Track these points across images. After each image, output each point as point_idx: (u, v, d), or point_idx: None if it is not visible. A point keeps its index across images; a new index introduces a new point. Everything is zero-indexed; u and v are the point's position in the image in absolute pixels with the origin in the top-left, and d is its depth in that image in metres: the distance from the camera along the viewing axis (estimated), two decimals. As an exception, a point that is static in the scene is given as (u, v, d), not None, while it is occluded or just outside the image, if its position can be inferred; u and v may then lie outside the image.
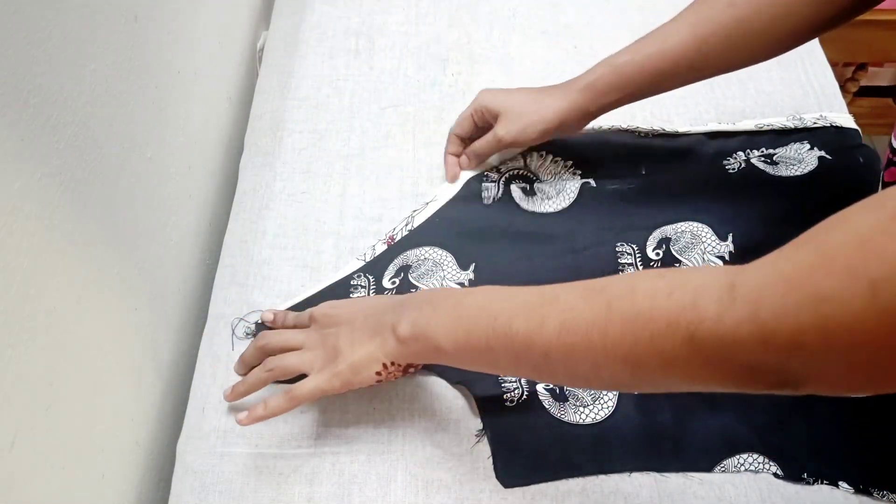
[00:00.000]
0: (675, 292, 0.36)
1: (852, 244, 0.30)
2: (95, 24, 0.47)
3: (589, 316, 0.39)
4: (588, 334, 0.39)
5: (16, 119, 0.38)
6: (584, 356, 0.40)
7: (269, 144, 0.74)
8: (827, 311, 0.30)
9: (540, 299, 0.43)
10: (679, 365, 0.36)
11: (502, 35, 0.85)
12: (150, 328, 0.59)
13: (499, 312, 0.44)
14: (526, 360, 0.43)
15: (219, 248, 0.67)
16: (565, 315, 0.40)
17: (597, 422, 0.57)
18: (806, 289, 0.31)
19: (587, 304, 0.40)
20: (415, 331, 0.47)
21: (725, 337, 0.34)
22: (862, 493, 0.54)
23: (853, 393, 0.34)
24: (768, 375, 0.34)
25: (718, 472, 0.55)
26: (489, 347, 0.44)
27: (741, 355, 0.34)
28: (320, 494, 0.54)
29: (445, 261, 0.65)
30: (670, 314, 0.36)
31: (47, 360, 0.43)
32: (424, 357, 0.49)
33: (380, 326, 0.49)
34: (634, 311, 0.37)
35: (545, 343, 0.41)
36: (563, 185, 0.70)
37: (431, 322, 0.47)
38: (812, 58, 0.84)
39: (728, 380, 0.36)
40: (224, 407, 0.57)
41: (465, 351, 0.46)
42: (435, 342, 0.46)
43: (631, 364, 0.38)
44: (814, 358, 0.32)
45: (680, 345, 0.35)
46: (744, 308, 0.33)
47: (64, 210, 0.44)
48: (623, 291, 0.39)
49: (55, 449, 0.44)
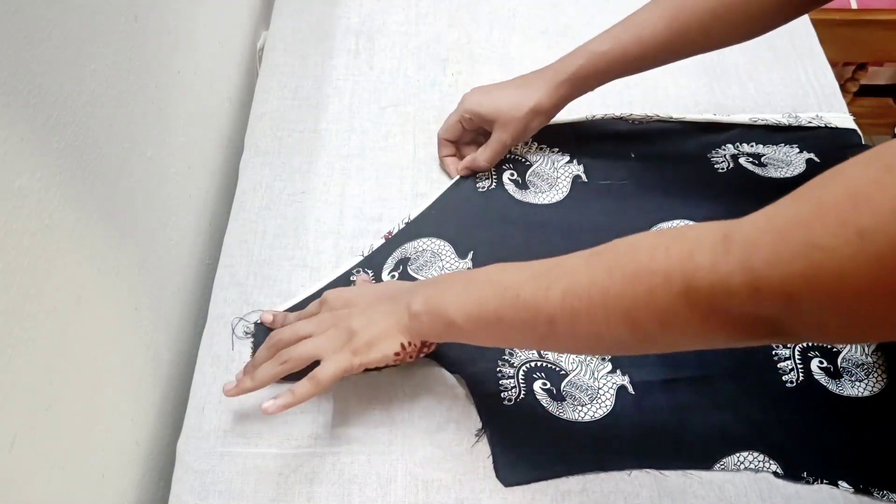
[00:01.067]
0: (672, 247, 0.37)
1: (844, 196, 0.30)
2: (95, 24, 0.47)
3: (591, 278, 0.40)
4: (590, 296, 0.40)
5: (16, 119, 0.38)
6: (587, 319, 0.40)
7: (269, 144, 0.74)
8: (817, 261, 0.30)
9: (546, 267, 0.44)
10: (677, 319, 0.37)
11: (502, 35, 0.85)
12: (150, 328, 0.59)
13: (508, 283, 0.45)
14: (533, 329, 0.44)
15: (219, 248, 0.67)
16: (569, 279, 0.42)
17: (595, 419, 0.57)
18: (798, 239, 0.31)
19: (589, 266, 0.41)
20: (428, 306, 0.49)
21: (719, 287, 0.34)
22: (862, 492, 0.54)
23: (844, 341, 0.35)
24: (762, 325, 0.35)
25: (718, 469, 0.55)
26: (499, 318, 0.45)
27: (735, 305, 0.34)
28: (320, 494, 0.54)
29: (443, 250, 0.65)
30: (667, 268, 0.37)
31: (47, 360, 0.43)
32: (437, 332, 0.50)
33: (394, 305, 0.51)
34: (633, 268, 0.38)
35: (551, 309, 0.42)
36: (555, 178, 0.70)
37: (444, 297, 0.48)
38: (812, 57, 0.84)
39: (725, 332, 0.36)
40: (224, 407, 0.57)
41: (477, 323, 0.47)
42: (447, 316, 0.47)
43: (631, 322, 0.39)
44: (804, 307, 0.32)
45: (676, 298, 0.36)
46: (737, 257, 0.34)
47: (64, 210, 0.44)
48: (623, 251, 0.40)
49: (55, 449, 0.44)
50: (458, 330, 0.48)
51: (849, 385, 0.59)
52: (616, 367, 0.59)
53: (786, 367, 0.60)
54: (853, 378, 0.59)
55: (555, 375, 0.59)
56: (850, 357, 0.60)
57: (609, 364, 0.60)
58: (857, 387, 0.59)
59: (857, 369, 0.59)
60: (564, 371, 0.59)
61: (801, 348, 0.61)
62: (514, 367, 0.59)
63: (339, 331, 0.51)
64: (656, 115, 0.75)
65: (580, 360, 0.60)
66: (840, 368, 0.60)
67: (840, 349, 0.60)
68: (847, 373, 0.59)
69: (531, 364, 0.59)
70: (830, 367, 0.60)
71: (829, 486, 0.54)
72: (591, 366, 0.59)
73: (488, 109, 0.67)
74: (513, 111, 0.66)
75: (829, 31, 0.91)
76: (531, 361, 0.59)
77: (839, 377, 0.59)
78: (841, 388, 0.59)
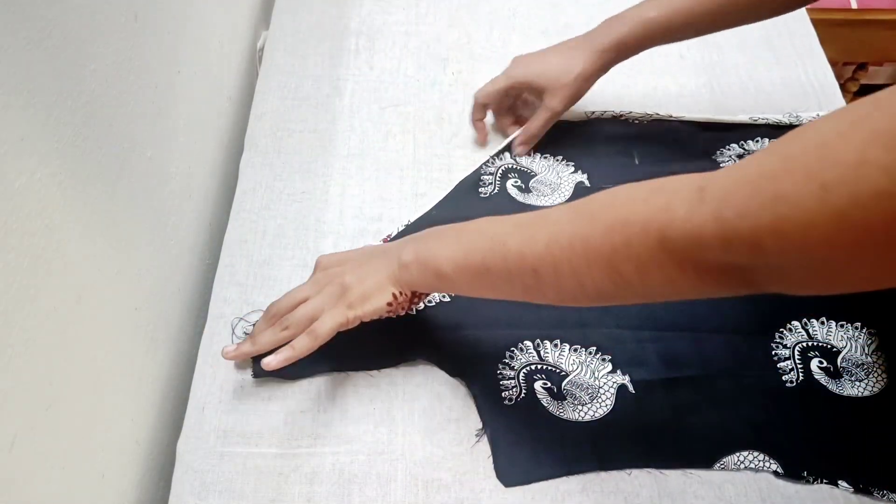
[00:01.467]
0: (650, 197, 0.38)
1: (811, 148, 0.31)
2: (95, 24, 0.47)
3: (574, 228, 0.42)
4: (572, 245, 0.41)
5: (16, 119, 0.38)
6: (570, 268, 0.41)
7: (270, 144, 0.74)
8: (782, 212, 0.31)
9: (533, 219, 0.45)
10: (654, 269, 0.38)
11: (502, 35, 0.85)
12: (150, 328, 0.59)
13: (495, 234, 0.46)
14: (518, 278, 0.45)
15: (219, 248, 0.67)
16: (553, 229, 0.43)
17: (596, 419, 0.57)
18: (767, 191, 0.32)
19: (572, 217, 0.43)
20: (417, 256, 0.50)
21: (692, 235, 0.35)
22: (862, 492, 0.54)
23: (812, 292, 0.36)
24: (733, 275, 0.36)
25: (718, 469, 0.55)
26: (486, 268, 0.46)
27: (707, 254, 0.35)
28: (320, 494, 0.54)
29: None
30: (645, 217, 0.38)
31: (47, 360, 0.43)
32: (427, 282, 0.51)
33: (385, 259, 0.53)
34: (612, 217, 0.40)
35: (535, 258, 0.43)
36: (558, 183, 0.70)
37: (433, 247, 0.50)
38: (812, 57, 0.84)
39: (699, 280, 0.37)
40: (224, 407, 0.57)
41: (464, 273, 0.48)
42: (436, 266, 0.49)
43: (611, 271, 0.40)
44: (772, 258, 0.33)
45: (653, 246, 0.37)
46: (710, 207, 0.34)
47: (64, 210, 0.44)
48: (604, 202, 0.42)
49: (55, 449, 0.44)
50: (447, 280, 0.49)
51: (849, 385, 0.59)
52: (616, 366, 0.59)
53: (785, 366, 0.60)
54: (853, 378, 0.59)
55: (555, 376, 0.59)
56: (850, 357, 0.60)
57: (609, 364, 0.60)
58: (857, 387, 0.59)
59: (857, 369, 0.59)
60: (565, 372, 0.59)
61: (801, 348, 0.61)
62: (515, 370, 0.59)
63: (334, 287, 0.53)
64: (656, 113, 0.75)
65: (580, 360, 0.60)
66: (840, 368, 0.60)
67: (840, 349, 0.60)
68: (847, 373, 0.59)
69: (531, 367, 0.59)
70: (830, 366, 0.60)
71: (829, 487, 0.55)
72: (592, 366, 0.59)
73: (538, 77, 0.68)
74: (562, 78, 0.67)
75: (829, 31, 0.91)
76: (531, 364, 0.59)
77: (839, 377, 0.59)
78: (841, 388, 0.59)
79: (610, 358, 0.60)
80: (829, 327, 0.62)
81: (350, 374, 0.59)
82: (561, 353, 0.60)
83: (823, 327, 0.62)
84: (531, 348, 0.60)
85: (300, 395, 0.58)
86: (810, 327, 0.62)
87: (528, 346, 0.60)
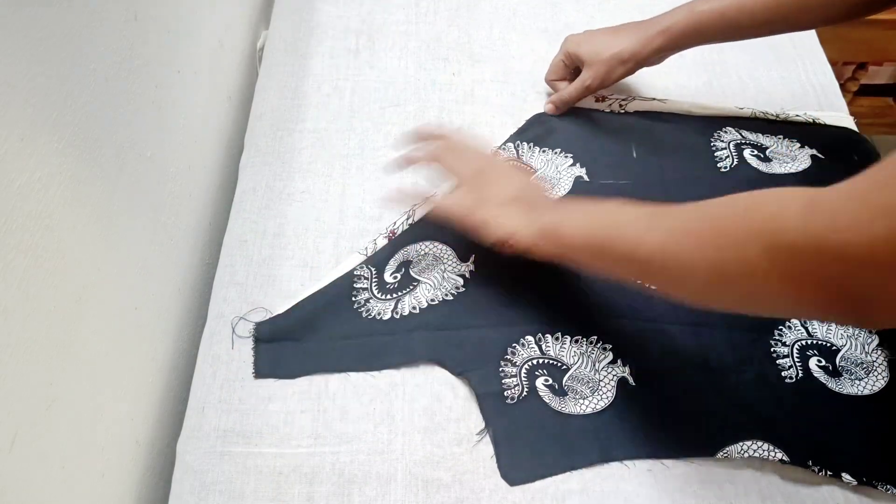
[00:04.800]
0: (763, 206, 0.40)
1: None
2: (95, 23, 0.47)
3: (689, 227, 0.44)
4: (686, 241, 0.44)
5: (16, 119, 0.38)
6: (679, 263, 0.44)
7: (270, 144, 0.74)
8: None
9: (654, 212, 0.48)
10: (759, 276, 0.39)
11: (503, 34, 0.85)
12: (150, 328, 0.59)
13: (618, 219, 0.50)
14: (631, 265, 0.49)
15: (219, 248, 0.67)
16: (670, 224, 0.46)
17: (597, 411, 0.57)
18: (879, 202, 0.32)
19: (690, 216, 0.45)
20: (548, 230, 0.54)
21: (803, 248, 0.36)
22: (865, 485, 0.54)
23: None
24: (841, 294, 0.36)
25: (721, 457, 0.55)
26: (603, 249, 0.50)
27: (817, 268, 0.36)
28: (320, 494, 0.54)
29: (445, 254, 0.65)
30: (757, 224, 0.39)
31: (47, 360, 0.43)
32: (549, 253, 0.55)
33: (527, 214, 0.56)
34: (727, 222, 0.42)
35: (648, 250, 0.46)
36: (558, 178, 0.71)
37: (563, 224, 0.54)
38: (812, 56, 0.84)
39: (803, 297, 0.38)
40: (224, 407, 0.57)
41: (584, 251, 0.52)
42: (562, 242, 0.53)
43: (717, 273, 0.42)
44: (885, 272, 0.33)
45: (762, 254, 0.38)
46: (822, 221, 0.35)
47: (64, 210, 0.44)
48: (723, 204, 0.44)
49: (55, 449, 0.44)
50: (568, 257, 0.54)
51: (848, 383, 0.59)
52: (617, 356, 0.60)
53: (784, 363, 0.60)
54: (853, 377, 0.59)
55: (556, 371, 0.59)
56: (849, 356, 0.60)
57: (610, 354, 0.60)
58: (857, 385, 0.59)
59: (857, 368, 0.59)
60: (566, 366, 0.59)
61: (800, 346, 0.61)
62: (517, 367, 0.59)
63: (478, 196, 0.59)
64: (654, 97, 0.76)
65: (581, 351, 0.60)
66: (839, 367, 0.60)
67: (839, 347, 0.60)
68: (847, 371, 0.59)
69: (533, 362, 0.59)
70: (829, 365, 0.60)
71: (830, 487, 0.55)
72: (593, 357, 0.60)
73: (581, 51, 0.71)
74: (601, 55, 0.69)
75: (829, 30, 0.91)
76: (533, 359, 0.59)
77: (838, 376, 0.59)
78: (840, 387, 0.59)
79: (611, 348, 0.60)
80: (828, 325, 0.62)
81: (350, 374, 0.59)
82: (562, 346, 0.60)
83: (823, 325, 0.62)
84: (532, 343, 0.60)
85: (300, 395, 0.58)
86: (810, 325, 0.62)
87: (529, 341, 0.60)
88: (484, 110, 0.77)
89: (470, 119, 0.76)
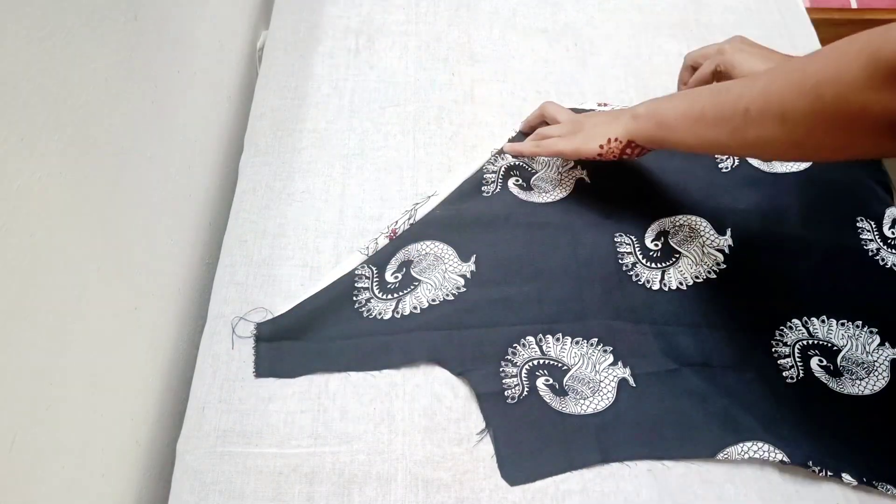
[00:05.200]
0: (872, 32, 0.42)
1: None
2: (95, 23, 0.47)
3: (792, 65, 0.47)
4: (789, 75, 0.46)
5: (16, 119, 0.38)
6: (779, 100, 0.46)
7: (269, 144, 0.74)
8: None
9: (757, 73, 0.52)
10: (856, 88, 0.41)
11: (502, 34, 0.85)
12: (150, 328, 0.59)
13: (714, 89, 0.54)
14: (729, 120, 0.51)
15: (219, 248, 0.67)
16: (773, 75, 0.48)
17: (598, 412, 0.57)
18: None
19: (794, 64, 0.47)
20: (647, 108, 0.60)
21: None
22: (865, 484, 0.54)
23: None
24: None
25: (722, 458, 0.55)
26: (702, 114, 0.54)
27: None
28: (320, 494, 0.54)
29: (446, 254, 0.65)
30: (862, 42, 0.41)
31: (47, 360, 0.43)
32: (649, 131, 0.60)
33: (620, 112, 0.64)
34: (832, 46, 0.44)
35: (750, 98, 0.49)
36: (559, 180, 0.71)
37: (663, 102, 0.59)
38: (812, 57, 0.84)
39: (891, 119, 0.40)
40: (224, 407, 0.57)
41: (683, 119, 0.56)
42: (661, 114, 0.58)
43: (814, 97, 0.44)
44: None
45: (864, 64, 0.40)
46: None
47: (64, 210, 0.44)
48: (831, 44, 0.45)
49: (55, 449, 0.44)
50: (667, 127, 0.58)
51: (849, 383, 0.59)
52: (618, 358, 0.60)
53: (786, 363, 0.60)
54: (853, 377, 0.59)
55: (557, 371, 0.59)
56: (851, 356, 0.60)
57: (610, 356, 0.60)
58: (858, 385, 0.59)
59: (858, 368, 0.59)
60: (566, 366, 0.59)
61: (801, 346, 0.61)
62: (517, 367, 0.59)
63: (572, 127, 0.67)
64: None
65: (582, 353, 0.60)
66: (840, 367, 0.60)
67: (840, 347, 0.61)
68: (847, 371, 0.59)
69: (534, 362, 0.59)
70: (830, 365, 0.60)
71: (830, 487, 0.55)
72: (593, 358, 0.60)
73: (743, 72, 0.66)
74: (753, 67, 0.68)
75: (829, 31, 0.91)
76: (533, 360, 0.59)
77: (839, 376, 0.59)
78: (841, 387, 0.59)
79: (611, 349, 0.60)
80: (829, 325, 0.62)
81: (350, 374, 0.59)
82: (563, 347, 0.60)
83: (824, 325, 0.62)
84: (533, 343, 0.60)
85: (300, 395, 0.58)
86: (811, 325, 0.62)
87: (530, 342, 0.60)
88: (484, 110, 0.77)
89: (470, 119, 0.76)
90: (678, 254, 0.65)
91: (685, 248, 0.66)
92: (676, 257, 0.65)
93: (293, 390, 0.58)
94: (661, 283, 0.64)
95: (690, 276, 0.64)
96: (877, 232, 0.66)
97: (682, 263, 0.65)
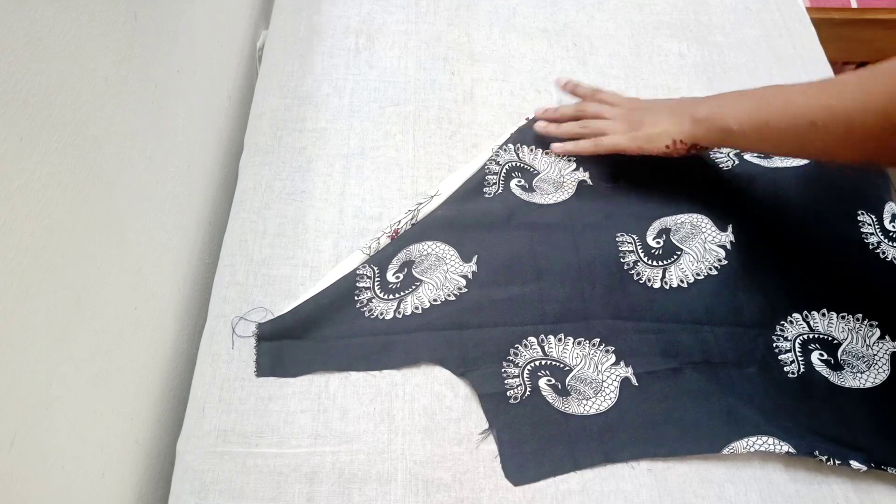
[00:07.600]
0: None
1: None
2: (95, 23, 0.47)
3: (859, 80, 0.50)
4: (853, 96, 0.49)
5: (16, 119, 0.38)
6: (844, 114, 0.49)
7: (269, 143, 0.74)
8: None
9: (822, 82, 0.54)
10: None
11: (502, 34, 0.85)
12: (150, 328, 0.59)
13: (782, 92, 0.56)
14: (795, 130, 0.53)
15: (219, 248, 0.67)
16: (839, 87, 0.51)
17: (601, 412, 0.57)
18: None
19: (862, 76, 0.50)
20: (710, 114, 0.60)
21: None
22: (875, 468, 0.54)
23: None
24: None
25: (728, 453, 0.55)
26: (766, 122, 0.55)
27: None
28: (320, 493, 0.54)
29: (448, 255, 0.65)
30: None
31: (47, 360, 0.43)
32: (712, 137, 0.61)
33: (680, 112, 0.64)
34: (891, 69, 0.48)
35: (817, 109, 0.51)
36: (561, 181, 0.71)
37: (725, 106, 0.60)
38: (812, 57, 0.84)
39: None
40: (224, 406, 0.57)
41: (747, 127, 0.57)
42: (724, 122, 0.59)
43: (883, 118, 0.47)
44: None
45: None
46: None
47: (64, 210, 0.44)
48: (885, 64, 0.50)
49: (55, 448, 0.44)
50: (731, 134, 0.59)
51: (850, 377, 0.59)
52: (619, 358, 0.60)
53: (786, 358, 0.60)
54: (854, 370, 0.59)
55: (559, 372, 0.59)
56: (851, 349, 0.60)
57: (612, 356, 0.60)
58: (859, 378, 0.59)
59: (859, 361, 0.60)
60: (569, 367, 0.59)
61: (801, 340, 0.61)
62: (519, 367, 0.59)
63: (630, 121, 0.66)
64: None
65: (584, 353, 0.60)
66: (840, 360, 0.60)
67: (840, 341, 0.61)
68: (848, 365, 0.60)
69: (536, 362, 0.59)
70: (831, 359, 0.60)
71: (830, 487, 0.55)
72: (595, 358, 0.60)
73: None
74: None
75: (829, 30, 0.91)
76: (535, 360, 0.59)
77: (840, 369, 0.59)
78: (842, 380, 0.59)
79: (613, 349, 0.60)
80: (829, 319, 0.62)
81: (350, 374, 0.59)
82: (565, 347, 0.60)
83: (824, 319, 0.62)
84: (535, 344, 0.60)
85: (300, 394, 0.58)
86: (811, 319, 0.62)
87: (531, 342, 0.60)
88: (483, 110, 0.77)
89: (469, 118, 0.76)
90: (680, 251, 0.66)
91: (687, 244, 0.66)
92: (678, 254, 0.65)
93: (293, 390, 0.58)
94: (661, 281, 0.64)
95: (692, 273, 0.64)
96: (877, 225, 0.66)
97: (683, 260, 0.65)
